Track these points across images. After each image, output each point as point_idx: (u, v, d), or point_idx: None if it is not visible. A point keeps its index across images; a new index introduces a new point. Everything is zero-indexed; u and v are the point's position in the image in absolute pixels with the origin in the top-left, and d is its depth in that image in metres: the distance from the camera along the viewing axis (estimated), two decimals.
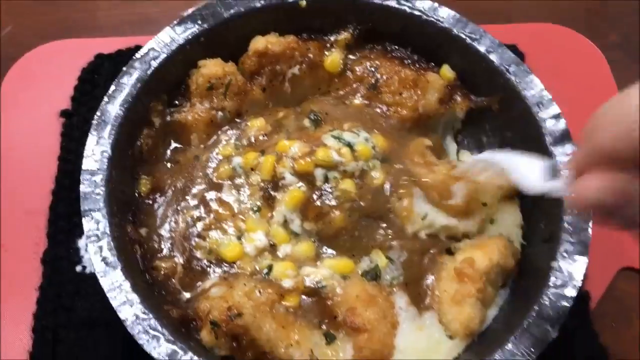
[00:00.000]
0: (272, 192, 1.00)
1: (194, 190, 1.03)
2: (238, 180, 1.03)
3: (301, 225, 0.98)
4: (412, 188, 1.00)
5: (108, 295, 0.86)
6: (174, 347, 0.83)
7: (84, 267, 1.07)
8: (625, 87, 1.44)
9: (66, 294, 1.04)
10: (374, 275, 0.97)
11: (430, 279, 0.98)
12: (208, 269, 0.98)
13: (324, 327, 0.93)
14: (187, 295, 0.96)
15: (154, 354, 0.82)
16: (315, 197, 0.98)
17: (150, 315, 0.85)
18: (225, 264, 0.98)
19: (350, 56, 1.15)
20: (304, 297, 0.94)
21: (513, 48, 1.28)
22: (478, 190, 0.99)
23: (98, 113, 0.98)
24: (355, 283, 0.95)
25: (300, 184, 0.98)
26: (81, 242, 1.09)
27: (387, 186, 1.00)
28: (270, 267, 0.96)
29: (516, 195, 1.05)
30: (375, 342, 0.90)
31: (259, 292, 0.91)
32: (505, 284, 1.01)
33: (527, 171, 0.81)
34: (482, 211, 1.01)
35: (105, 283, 0.86)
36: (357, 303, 0.92)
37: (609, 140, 0.59)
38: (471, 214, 1.00)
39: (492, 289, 0.97)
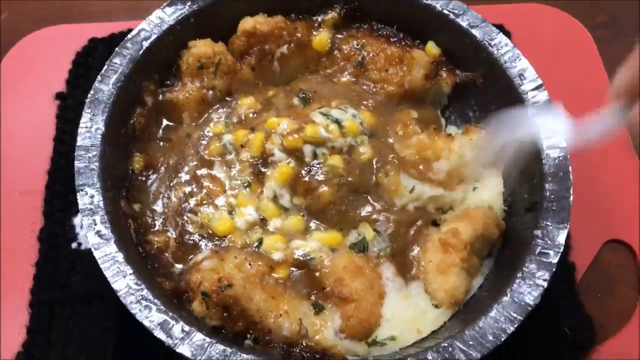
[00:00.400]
0: (261, 168, 1.02)
1: (186, 167, 1.05)
2: (228, 157, 1.05)
3: (290, 200, 1.01)
4: (397, 164, 1.03)
5: (102, 266, 0.88)
6: (165, 317, 0.85)
7: (80, 244, 1.09)
8: (612, 65, 1.45)
9: (62, 269, 1.07)
10: (361, 247, 0.99)
11: (416, 250, 1.00)
12: (200, 242, 1.00)
13: (312, 298, 0.95)
14: (179, 268, 0.98)
15: (146, 323, 0.84)
16: (304, 172, 1.00)
17: (143, 286, 0.87)
18: (217, 238, 1.00)
19: (338, 35, 1.17)
20: (293, 269, 0.96)
21: (500, 27, 1.29)
22: (461, 164, 1.02)
23: (91, 92, 1.01)
24: (343, 255, 0.97)
25: (289, 160, 1.01)
26: (76, 220, 1.11)
27: (374, 161, 1.02)
28: (260, 241, 0.98)
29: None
30: (363, 311, 0.92)
31: (250, 264, 0.93)
32: (491, 253, 1.03)
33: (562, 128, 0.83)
34: (467, 181, 1.04)
35: (99, 255, 0.88)
36: (345, 274, 0.94)
37: None
38: (456, 185, 1.02)
39: (476, 258, 0.99)
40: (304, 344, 0.91)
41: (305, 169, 1.00)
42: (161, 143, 1.09)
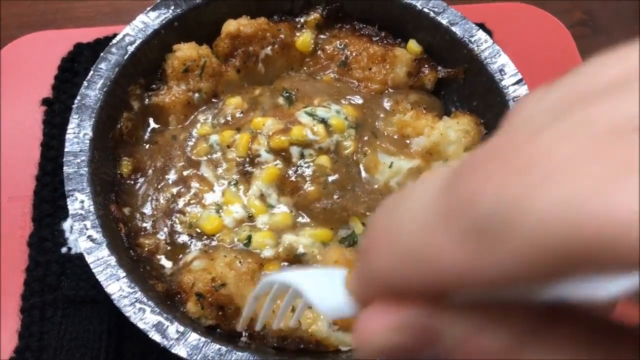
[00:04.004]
0: (248, 168, 1.03)
1: (173, 169, 1.06)
2: (215, 156, 1.06)
3: (278, 199, 1.02)
4: (374, 142, 1.05)
5: (94, 271, 0.88)
6: (160, 319, 0.86)
7: (69, 249, 1.09)
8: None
9: (52, 274, 1.07)
10: (351, 241, 1.00)
11: None
12: (189, 242, 1.00)
13: None
14: (170, 269, 0.99)
15: (141, 325, 0.85)
16: (291, 172, 1.01)
17: (137, 289, 0.88)
18: (206, 237, 1.00)
19: (321, 36, 1.19)
20: (285, 264, 0.97)
21: (481, 26, 1.31)
22: (441, 142, 1.05)
23: (78, 97, 1.01)
24: (334, 249, 0.98)
25: (277, 161, 1.02)
26: (66, 225, 1.11)
27: (359, 146, 1.05)
28: (249, 238, 0.99)
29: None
30: None
31: (240, 262, 0.94)
32: None
33: (324, 293, 0.60)
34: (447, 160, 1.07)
35: (91, 259, 0.89)
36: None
37: (385, 266, 0.38)
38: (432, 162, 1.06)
39: None
40: (298, 335, 0.93)
41: (293, 169, 1.02)
42: (147, 146, 1.09)
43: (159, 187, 1.05)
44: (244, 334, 0.93)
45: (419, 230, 0.35)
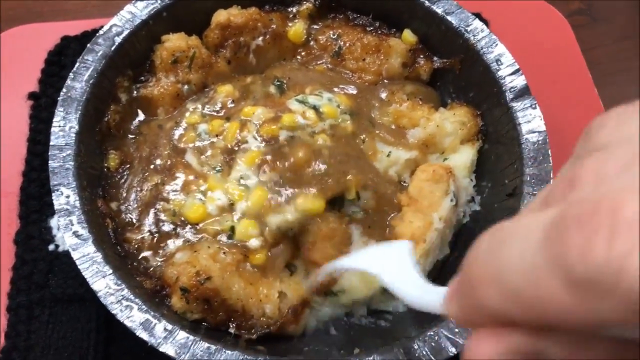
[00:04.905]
0: (234, 155, 0.99)
1: (158, 157, 1.03)
2: (201, 144, 1.02)
3: (258, 179, 0.95)
4: (372, 130, 1.03)
5: (80, 267, 0.86)
6: (147, 316, 0.83)
7: (57, 246, 1.07)
8: (589, 51, 1.45)
9: (39, 272, 1.04)
10: (339, 206, 0.96)
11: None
12: (173, 232, 0.97)
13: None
14: (155, 261, 0.96)
15: (128, 323, 0.83)
16: (275, 150, 0.96)
17: (123, 286, 0.85)
18: (190, 226, 0.97)
19: (314, 26, 1.16)
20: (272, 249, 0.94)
21: (477, 15, 1.29)
22: (437, 134, 1.03)
23: (64, 90, 0.99)
24: (320, 215, 0.94)
25: (263, 144, 0.97)
26: (53, 222, 1.09)
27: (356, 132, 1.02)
28: (232, 229, 0.94)
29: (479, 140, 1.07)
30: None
31: (224, 253, 0.92)
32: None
33: (398, 274, 0.65)
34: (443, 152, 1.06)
35: (77, 256, 0.87)
36: (318, 237, 0.92)
37: (493, 301, 0.42)
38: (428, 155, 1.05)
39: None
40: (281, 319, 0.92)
41: (283, 148, 0.96)
42: (134, 137, 1.07)
43: (144, 176, 1.02)
44: (231, 326, 0.91)
45: (527, 272, 0.39)
